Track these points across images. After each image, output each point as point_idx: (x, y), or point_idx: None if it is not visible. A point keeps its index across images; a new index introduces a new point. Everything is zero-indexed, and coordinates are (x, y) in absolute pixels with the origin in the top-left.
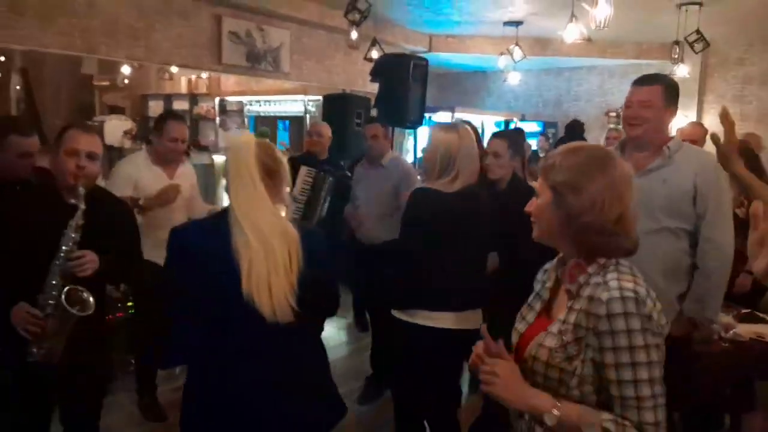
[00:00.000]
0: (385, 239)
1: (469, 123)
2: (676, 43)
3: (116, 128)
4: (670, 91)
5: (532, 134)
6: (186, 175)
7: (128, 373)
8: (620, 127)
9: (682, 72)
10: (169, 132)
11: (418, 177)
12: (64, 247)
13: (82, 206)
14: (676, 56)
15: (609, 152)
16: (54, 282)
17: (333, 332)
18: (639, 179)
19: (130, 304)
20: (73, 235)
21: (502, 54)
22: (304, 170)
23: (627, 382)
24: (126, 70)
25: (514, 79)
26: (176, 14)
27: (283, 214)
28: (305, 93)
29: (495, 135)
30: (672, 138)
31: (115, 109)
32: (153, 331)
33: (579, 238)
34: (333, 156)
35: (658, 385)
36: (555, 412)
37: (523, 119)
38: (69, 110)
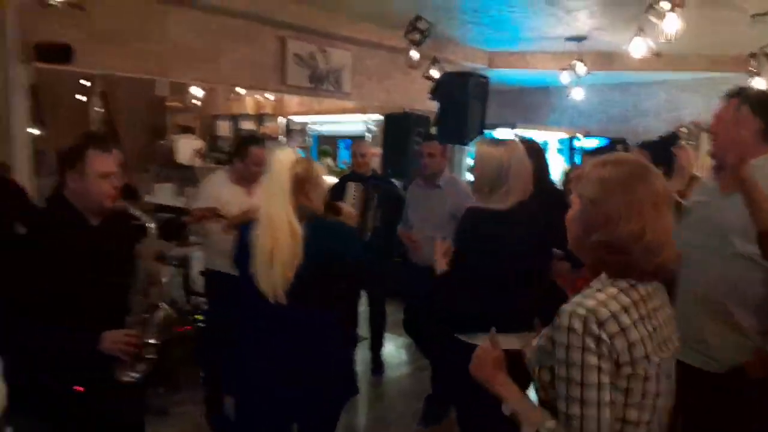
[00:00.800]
0: None
1: (532, 140)
2: (752, 55)
3: (187, 147)
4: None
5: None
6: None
7: (195, 384)
8: (691, 142)
9: (759, 85)
10: (253, 157)
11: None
12: (142, 267)
13: (153, 225)
14: (753, 69)
15: (642, 167)
16: (138, 301)
17: (393, 351)
18: (720, 200)
19: (198, 317)
20: (147, 255)
21: (564, 69)
22: (352, 186)
23: (561, 396)
24: (196, 91)
25: (578, 94)
26: (243, 38)
27: None
28: (365, 112)
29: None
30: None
31: (185, 129)
32: (220, 343)
33: (593, 252)
34: (388, 173)
35: (593, 408)
36: (510, 404)
37: (587, 135)
38: (143, 131)
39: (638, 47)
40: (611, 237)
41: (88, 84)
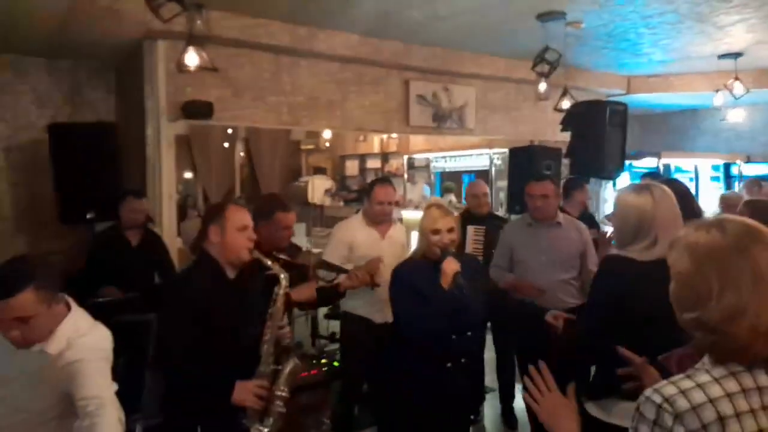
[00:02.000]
0: (572, 304)
1: (676, 181)
2: None
3: (319, 187)
4: None
5: (762, 176)
6: (397, 235)
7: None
8: None
9: None
10: (376, 196)
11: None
12: (274, 314)
13: (284, 278)
14: None
15: (745, 233)
16: (269, 352)
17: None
18: None
19: (324, 361)
20: (279, 305)
21: (718, 90)
22: (471, 230)
23: None
24: (327, 134)
25: (736, 116)
26: (368, 84)
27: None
28: (490, 147)
29: None
30: None
31: (318, 170)
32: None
33: (691, 331)
34: (515, 210)
35: None
36: None
37: (748, 161)
38: (281, 173)
39: None
40: (704, 316)
41: (232, 132)
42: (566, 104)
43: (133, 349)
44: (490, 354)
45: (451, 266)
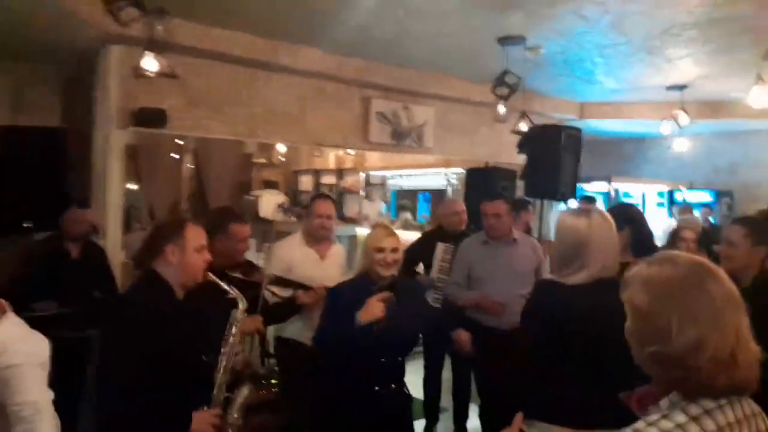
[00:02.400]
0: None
1: (630, 206)
2: None
3: (270, 202)
4: None
5: (699, 204)
6: (337, 255)
7: None
8: None
9: None
10: (316, 209)
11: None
12: (231, 341)
13: (242, 302)
14: None
15: (699, 267)
16: (224, 380)
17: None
18: None
19: (274, 382)
20: (237, 331)
21: (664, 120)
22: (441, 247)
23: None
24: (281, 147)
25: (681, 145)
26: (329, 98)
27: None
28: (447, 166)
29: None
30: None
31: (269, 184)
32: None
33: (652, 367)
34: (471, 229)
35: None
36: None
37: (691, 188)
38: (230, 186)
39: (758, 97)
40: (665, 350)
41: (182, 143)
42: (524, 127)
43: (70, 366)
44: (447, 374)
45: (372, 311)
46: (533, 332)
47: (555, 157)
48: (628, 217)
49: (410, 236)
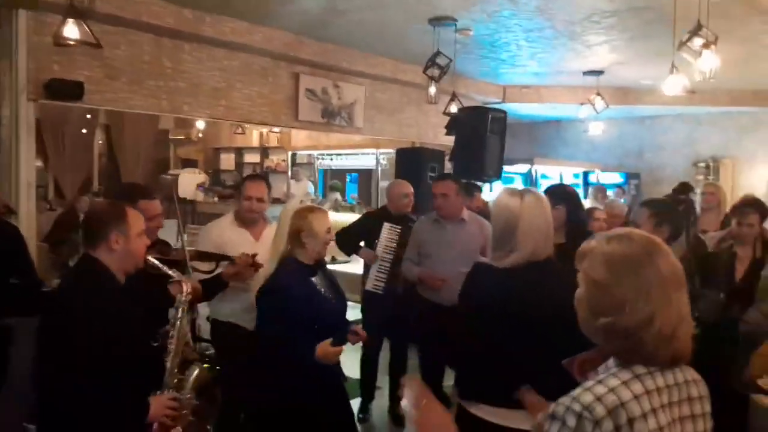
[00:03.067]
0: None
1: (562, 185)
2: None
3: (190, 181)
4: None
5: (612, 185)
6: (271, 236)
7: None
8: (717, 182)
9: None
10: (246, 191)
11: None
12: (178, 324)
13: (188, 284)
14: None
15: (651, 245)
16: (175, 363)
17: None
18: None
19: (206, 366)
20: (180, 315)
21: (582, 104)
22: (387, 227)
23: None
24: (200, 124)
25: (595, 129)
26: (256, 74)
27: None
28: (377, 147)
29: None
30: None
31: (188, 162)
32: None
33: (601, 337)
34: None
35: None
36: None
37: (604, 170)
38: (146, 164)
39: (673, 85)
40: (619, 322)
41: (91, 117)
42: (454, 109)
43: None
44: (383, 352)
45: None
46: (466, 314)
47: (482, 138)
48: (564, 195)
49: (340, 217)
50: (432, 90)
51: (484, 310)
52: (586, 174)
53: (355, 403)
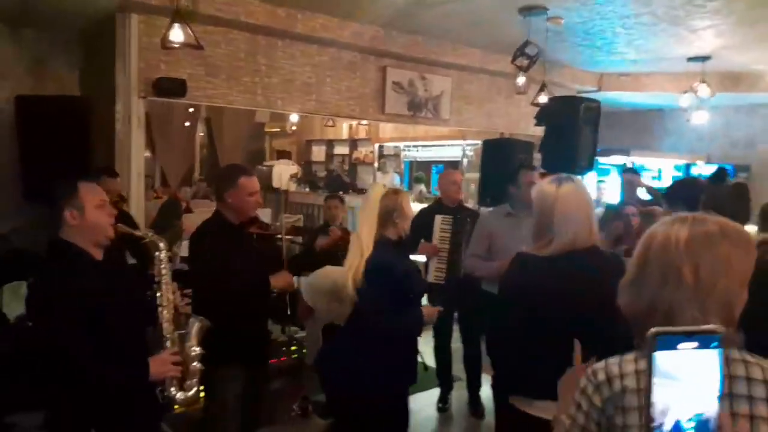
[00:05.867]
0: None
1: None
2: None
3: (283, 172)
4: None
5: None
6: None
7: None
8: None
9: None
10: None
11: None
12: (163, 281)
13: (163, 241)
14: None
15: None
16: (169, 319)
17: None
18: None
19: (294, 348)
20: (165, 270)
21: (685, 92)
22: (438, 219)
23: None
24: (294, 117)
25: (700, 118)
26: (345, 68)
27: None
28: (463, 138)
29: None
30: None
31: (282, 154)
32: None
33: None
34: (487, 202)
35: None
36: None
37: (708, 161)
38: (243, 155)
39: None
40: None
41: (193, 111)
42: (543, 99)
43: None
44: (457, 344)
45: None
46: (508, 304)
47: (573, 129)
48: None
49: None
50: (520, 80)
51: (525, 299)
52: (688, 166)
53: (435, 393)
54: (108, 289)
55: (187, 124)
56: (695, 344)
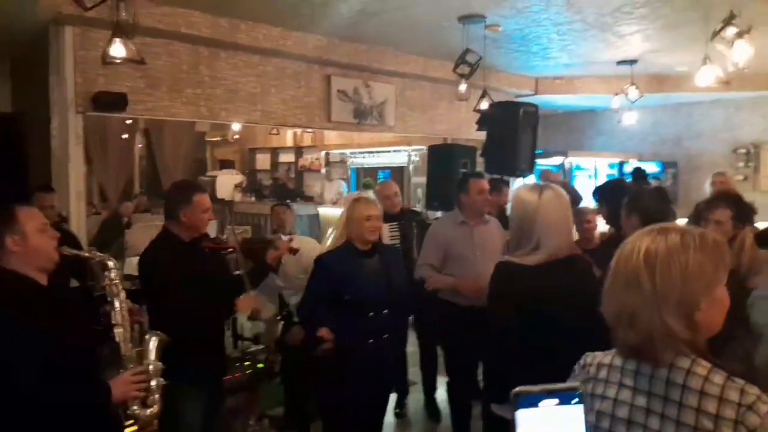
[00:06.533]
0: None
1: (568, 186)
2: None
3: (228, 182)
4: None
5: (650, 174)
6: None
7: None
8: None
9: None
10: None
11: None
12: (116, 298)
13: (112, 260)
14: None
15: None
16: (126, 337)
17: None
18: None
19: (248, 363)
20: (117, 289)
21: (616, 94)
22: (385, 228)
23: None
24: (236, 126)
25: (630, 118)
26: (289, 78)
27: None
28: (409, 144)
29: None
30: None
31: (225, 163)
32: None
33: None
34: (433, 206)
35: None
36: None
37: (639, 160)
38: (185, 166)
39: (706, 76)
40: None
41: (131, 122)
42: (485, 105)
43: None
44: (412, 348)
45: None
46: (501, 316)
47: (513, 133)
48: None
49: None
50: (462, 87)
51: (523, 310)
52: (621, 164)
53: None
54: (57, 314)
55: (124, 136)
56: (556, 401)
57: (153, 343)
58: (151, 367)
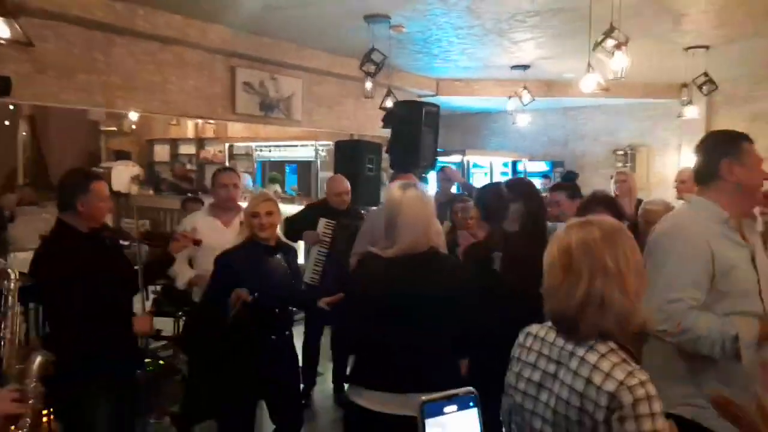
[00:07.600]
0: None
1: (523, 180)
2: (685, 85)
3: (123, 174)
4: None
5: (537, 174)
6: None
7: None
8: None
9: (692, 113)
10: (218, 180)
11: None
12: (9, 314)
13: (14, 272)
14: (686, 98)
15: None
16: (12, 354)
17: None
18: None
19: (148, 360)
20: (11, 302)
21: (510, 97)
22: (322, 222)
23: None
24: (133, 116)
25: (523, 121)
26: (191, 67)
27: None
28: (316, 138)
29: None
30: None
31: (121, 155)
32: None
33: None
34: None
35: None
36: None
37: (531, 159)
38: (75, 157)
39: (589, 83)
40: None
41: (14, 108)
42: (390, 103)
43: None
44: (324, 339)
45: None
46: (351, 302)
47: (416, 131)
48: (521, 188)
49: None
50: (368, 85)
51: (367, 298)
52: (514, 163)
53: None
54: None
55: (6, 122)
56: (455, 407)
57: (36, 363)
58: (30, 387)
